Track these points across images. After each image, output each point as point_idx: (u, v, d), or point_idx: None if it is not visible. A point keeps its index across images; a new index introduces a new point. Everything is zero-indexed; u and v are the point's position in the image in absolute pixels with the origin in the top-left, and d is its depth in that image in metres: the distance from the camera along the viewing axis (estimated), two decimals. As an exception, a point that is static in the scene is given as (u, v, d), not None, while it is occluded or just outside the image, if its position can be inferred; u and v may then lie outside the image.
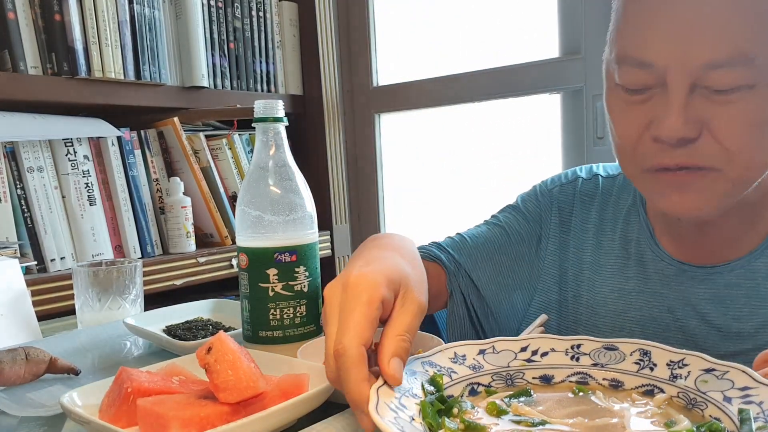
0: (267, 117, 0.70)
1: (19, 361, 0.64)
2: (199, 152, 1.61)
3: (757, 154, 0.61)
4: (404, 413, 0.46)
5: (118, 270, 0.89)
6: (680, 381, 0.50)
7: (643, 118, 0.62)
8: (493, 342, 0.57)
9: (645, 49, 0.60)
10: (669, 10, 0.59)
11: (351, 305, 0.51)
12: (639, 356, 0.54)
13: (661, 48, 0.59)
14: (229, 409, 0.50)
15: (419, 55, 1.91)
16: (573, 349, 0.56)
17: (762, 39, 0.57)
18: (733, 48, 0.56)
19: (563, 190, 0.86)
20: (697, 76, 0.58)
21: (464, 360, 0.56)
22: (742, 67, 0.57)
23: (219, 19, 1.67)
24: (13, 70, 1.29)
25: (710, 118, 0.59)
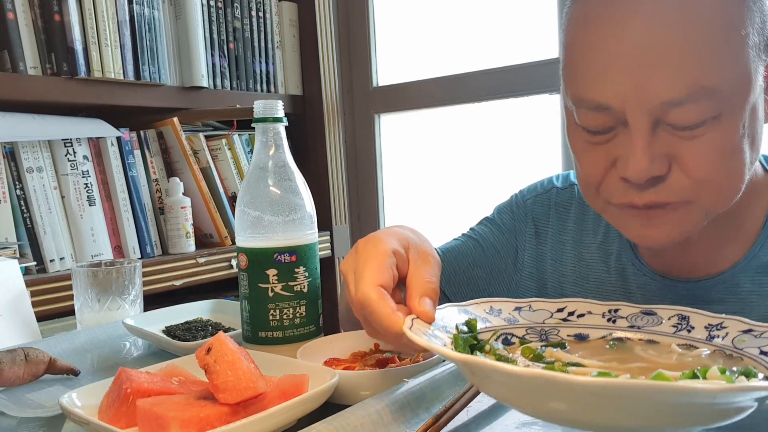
0: (267, 117, 0.70)
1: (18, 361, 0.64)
2: (199, 152, 1.61)
3: (729, 181, 0.59)
4: (437, 340, 0.47)
5: (118, 270, 0.89)
6: (717, 340, 0.50)
7: (607, 157, 0.60)
8: (530, 301, 0.58)
9: (599, 92, 0.57)
10: (618, 47, 0.55)
11: (363, 260, 0.54)
12: (677, 320, 0.53)
13: (616, 89, 0.56)
14: (228, 409, 0.50)
15: (419, 55, 1.91)
16: (610, 313, 0.56)
17: (721, 67, 0.54)
18: (692, 83, 0.53)
19: (538, 200, 0.84)
20: (657, 113, 0.55)
21: (500, 313, 0.56)
22: (704, 101, 0.54)
23: (219, 19, 1.67)
24: (12, 71, 1.29)
25: (677, 153, 0.57)
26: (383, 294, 0.52)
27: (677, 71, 0.54)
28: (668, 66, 0.54)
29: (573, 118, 0.62)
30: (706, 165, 0.56)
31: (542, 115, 1.68)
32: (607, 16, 0.57)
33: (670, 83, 0.54)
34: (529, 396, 0.40)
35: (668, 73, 0.54)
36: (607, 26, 0.56)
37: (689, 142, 0.56)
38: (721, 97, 0.54)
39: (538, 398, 0.39)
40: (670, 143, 0.56)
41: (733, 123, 0.56)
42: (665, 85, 0.54)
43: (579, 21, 0.60)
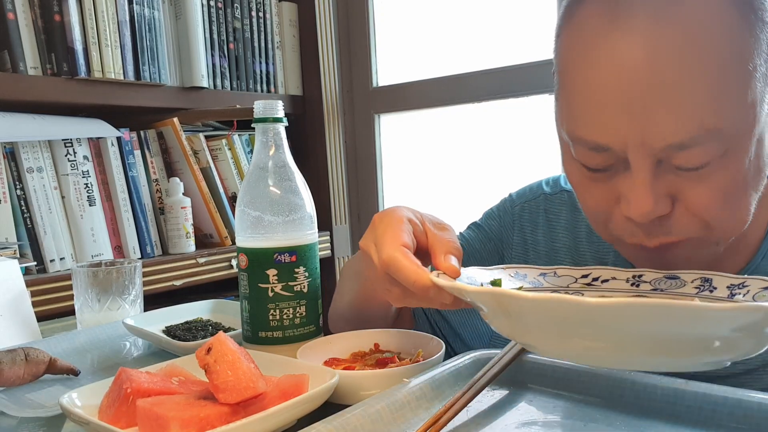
0: (267, 117, 0.70)
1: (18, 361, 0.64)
2: (199, 153, 1.61)
3: (736, 215, 0.56)
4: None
5: (118, 270, 0.89)
6: (738, 297, 0.50)
7: (610, 194, 0.57)
8: (555, 268, 0.59)
9: (597, 134, 0.53)
10: (617, 86, 0.51)
11: (382, 230, 0.57)
12: (700, 282, 0.54)
13: (616, 132, 0.52)
14: (228, 409, 0.50)
15: (419, 56, 1.91)
16: (634, 278, 0.57)
17: (728, 106, 0.50)
18: (698, 125, 0.50)
19: (526, 207, 0.81)
20: (660, 155, 0.52)
21: (524, 278, 0.57)
22: (710, 142, 0.50)
23: (219, 19, 1.67)
24: (12, 71, 1.29)
25: (681, 191, 0.54)
26: (407, 252, 0.54)
27: (682, 114, 0.50)
28: (672, 108, 0.50)
29: (569, 150, 0.59)
30: (712, 206, 0.54)
31: (542, 115, 1.68)
32: (605, 50, 0.52)
33: (674, 126, 0.50)
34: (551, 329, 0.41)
35: (672, 115, 0.50)
36: (605, 61, 0.52)
37: (694, 182, 0.53)
38: (727, 136, 0.51)
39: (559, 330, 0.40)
40: (674, 182, 0.54)
41: (740, 159, 0.53)
42: (669, 129, 0.50)
43: (573, 51, 0.56)
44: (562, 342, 0.41)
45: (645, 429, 0.48)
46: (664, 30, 0.50)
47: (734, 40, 0.50)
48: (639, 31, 0.50)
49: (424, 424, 0.47)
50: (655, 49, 0.50)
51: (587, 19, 0.54)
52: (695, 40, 0.49)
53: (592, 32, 0.53)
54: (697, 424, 0.48)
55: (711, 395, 0.49)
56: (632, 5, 0.51)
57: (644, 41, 0.50)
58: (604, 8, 0.53)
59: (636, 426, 0.49)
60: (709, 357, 0.39)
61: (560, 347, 0.42)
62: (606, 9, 0.52)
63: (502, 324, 0.45)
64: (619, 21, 0.51)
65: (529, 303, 0.40)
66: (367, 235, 0.60)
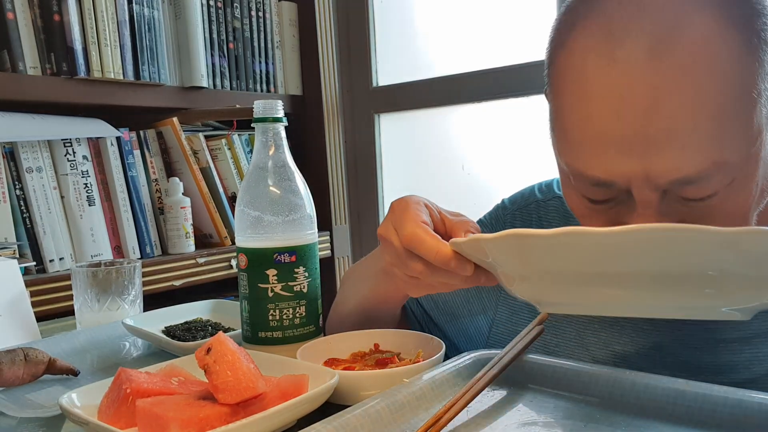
0: (266, 117, 0.70)
1: (17, 361, 0.64)
2: (199, 152, 1.61)
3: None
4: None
5: (117, 271, 0.88)
6: None
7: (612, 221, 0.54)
8: None
9: (598, 170, 0.51)
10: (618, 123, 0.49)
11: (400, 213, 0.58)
12: None
13: (618, 169, 0.50)
14: (228, 410, 0.50)
15: (419, 56, 1.91)
16: None
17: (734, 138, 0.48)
18: (704, 160, 0.48)
19: (518, 215, 0.80)
20: (666, 188, 0.50)
21: None
22: (717, 175, 0.48)
23: (218, 19, 1.67)
24: (12, 71, 1.28)
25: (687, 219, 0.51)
26: (427, 228, 0.56)
27: (687, 150, 0.47)
28: (676, 145, 0.47)
29: (568, 179, 0.56)
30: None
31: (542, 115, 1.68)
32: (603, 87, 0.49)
33: (679, 163, 0.48)
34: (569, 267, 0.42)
35: (677, 152, 0.47)
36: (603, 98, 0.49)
37: (701, 212, 0.51)
38: (734, 167, 0.49)
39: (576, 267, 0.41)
40: (680, 211, 0.52)
41: (748, 186, 0.51)
42: (674, 166, 0.48)
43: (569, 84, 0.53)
44: (580, 283, 0.42)
45: (645, 429, 0.48)
46: (663, 64, 0.47)
47: (737, 69, 0.48)
48: (637, 67, 0.48)
49: (424, 424, 0.47)
50: (655, 86, 0.47)
51: (582, 53, 0.51)
52: (696, 74, 0.47)
53: (588, 67, 0.50)
54: (698, 424, 0.48)
55: (711, 395, 0.49)
56: (628, 37, 0.48)
57: (643, 77, 0.48)
58: (599, 41, 0.50)
59: (636, 426, 0.49)
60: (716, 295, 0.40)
61: (578, 291, 0.43)
62: (602, 42, 0.50)
63: (520, 274, 0.46)
64: (616, 56, 0.48)
65: (544, 240, 0.41)
66: (385, 222, 0.61)
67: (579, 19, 0.52)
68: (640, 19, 0.48)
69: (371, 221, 2.03)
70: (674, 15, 0.48)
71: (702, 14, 0.48)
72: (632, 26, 0.48)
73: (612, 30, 0.49)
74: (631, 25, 0.49)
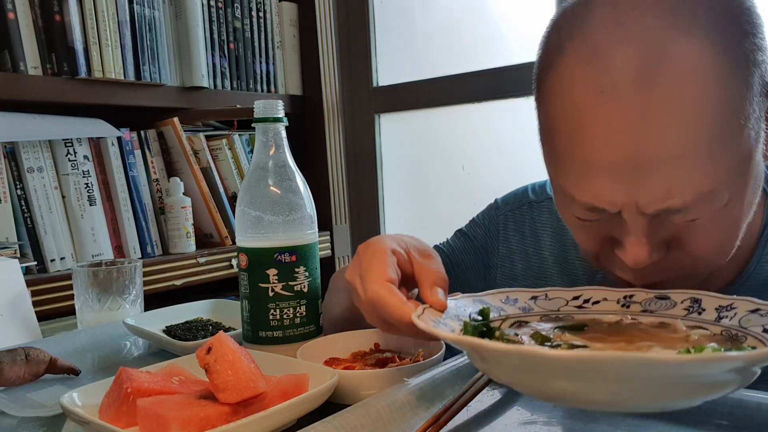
0: (267, 117, 0.70)
1: (18, 361, 0.64)
2: (199, 152, 1.61)
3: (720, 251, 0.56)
4: (446, 327, 0.48)
5: (118, 270, 0.89)
6: (725, 321, 0.50)
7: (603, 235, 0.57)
8: (546, 290, 0.58)
9: (589, 197, 0.53)
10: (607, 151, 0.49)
11: (366, 263, 0.56)
12: (689, 303, 0.53)
13: (608, 197, 0.51)
14: (229, 409, 0.50)
15: (419, 56, 1.91)
16: (625, 299, 0.56)
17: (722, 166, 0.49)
18: (692, 191, 0.49)
19: (510, 217, 0.80)
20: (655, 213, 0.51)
21: (515, 302, 0.57)
22: (705, 203, 0.50)
23: (219, 19, 1.67)
24: (13, 71, 1.29)
25: (678, 238, 0.54)
26: (392, 287, 0.54)
27: (676, 181, 0.48)
28: (666, 176, 0.48)
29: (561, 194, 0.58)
30: (706, 246, 0.54)
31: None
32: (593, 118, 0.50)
33: (667, 194, 0.49)
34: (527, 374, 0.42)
35: (666, 183, 0.48)
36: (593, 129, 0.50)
37: (692, 231, 0.53)
38: (722, 194, 0.50)
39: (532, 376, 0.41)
40: (669, 230, 0.53)
41: (738, 205, 0.52)
42: (663, 196, 0.49)
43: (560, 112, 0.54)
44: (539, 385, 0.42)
45: (645, 429, 0.48)
46: (650, 92, 0.47)
47: (725, 94, 0.48)
48: (625, 94, 0.48)
49: (424, 424, 0.47)
50: (642, 114, 0.48)
51: (571, 78, 0.52)
52: (683, 100, 0.47)
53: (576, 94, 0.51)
54: (698, 424, 0.48)
55: (710, 395, 0.49)
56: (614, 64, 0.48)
57: (631, 105, 0.48)
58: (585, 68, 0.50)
59: (636, 426, 0.49)
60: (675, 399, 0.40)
61: (538, 390, 0.43)
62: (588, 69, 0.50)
63: (483, 366, 0.46)
64: (603, 83, 0.49)
65: (499, 353, 0.41)
66: (351, 268, 0.59)
67: (566, 40, 0.53)
68: (626, 45, 0.48)
69: (371, 221, 2.03)
70: (660, 39, 0.48)
71: (688, 38, 0.47)
72: (618, 52, 0.48)
73: (598, 56, 0.49)
74: (617, 51, 0.49)
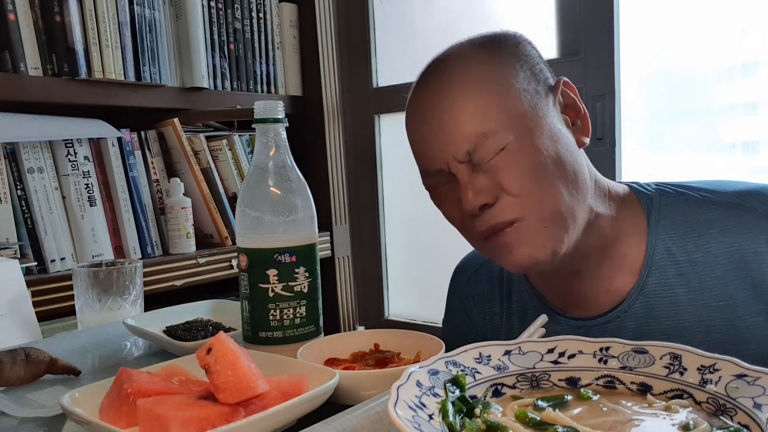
0: (267, 118, 0.70)
1: (19, 361, 0.65)
2: (200, 153, 1.61)
3: (543, 193, 0.69)
4: (423, 412, 0.46)
5: (119, 271, 0.89)
6: (710, 386, 0.49)
7: (455, 201, 0.72)
8: (520, 343, 0.57)
9: (426, 159, 0.74)
10: (428, 130, 0.73)
11: None
12: (669, 360, 0.53)
13: (434, 156, 0.72)
14: (229, 409, 0.50)
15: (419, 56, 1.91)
16: (601, 352, 0.55)
17: (491, 115, 0.69)
18: (473, 132, 0.69)
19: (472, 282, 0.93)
20: (468, 159, 0.70)
21: (489, 360, 0.55)
22: (492, 139, 0.69)
23: (219, 20, 1.67)
24: (13, 71, 1.29)
25: (498, 179, 0.69)
26: None
27: (462, 129, 0.70)
28: (454, 128, 0.70)
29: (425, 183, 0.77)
30: (515, 179, 0.69)
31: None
32: (413, 106, 0.77)
33: (461, 140, 0.70)
34: None
35: (458, 134, 0.70)
36: (418, 117, 0.75)
37: (502, 168, 0.69)
38: (499, 131, 0.69)
39: None
40: (489, 175, 0.69)
41: (531, 147, 0.69)
42: (459, 142, 0.70)
43: (406, 120, 0.79)
44: None
45: (644, 429, 0.48)
46: (440, 79, 0.73)
47: (486, 73, 0.71)
48: (427, 89, 0.74)
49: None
50: (435, 95, 0.73)
51: (409, 99, 0.79)
52: (458, 82, 0.71)
53: (409, 106, 0.78)
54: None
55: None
56: (426, 80, 0.76)
57: (429, 94, 0.74)
58: (414, 89, 0.78)
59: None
60: None
61: None
62: (415, 89, 0.78)
63: None
64: (418, 91, 0.76)
65: None
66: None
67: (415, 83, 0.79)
68: (432, 66, 0.77)
69: (371, 222, 2.03)
70: (447, 56, 0.76)
71: (461, 50, 0.75)
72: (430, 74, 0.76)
73: (419, 81, 0.78)
74: (429, 75, 0.76)
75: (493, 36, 0.76)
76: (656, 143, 1.53)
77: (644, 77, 1.50)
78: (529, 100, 0.71)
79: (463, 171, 0.70)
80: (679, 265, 0.74)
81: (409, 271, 2.02)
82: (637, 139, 1.52)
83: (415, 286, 2.01)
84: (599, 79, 1.50)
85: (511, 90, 0.70)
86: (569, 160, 0.71)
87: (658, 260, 0.75)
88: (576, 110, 0.76)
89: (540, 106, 0.72)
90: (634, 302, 0.75)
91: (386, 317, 2.05)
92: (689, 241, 0.74)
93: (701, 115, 1.44)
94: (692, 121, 1.45)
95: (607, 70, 1.49)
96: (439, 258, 1.90)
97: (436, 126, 0.72)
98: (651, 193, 0.79)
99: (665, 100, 1.50)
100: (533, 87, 0.72)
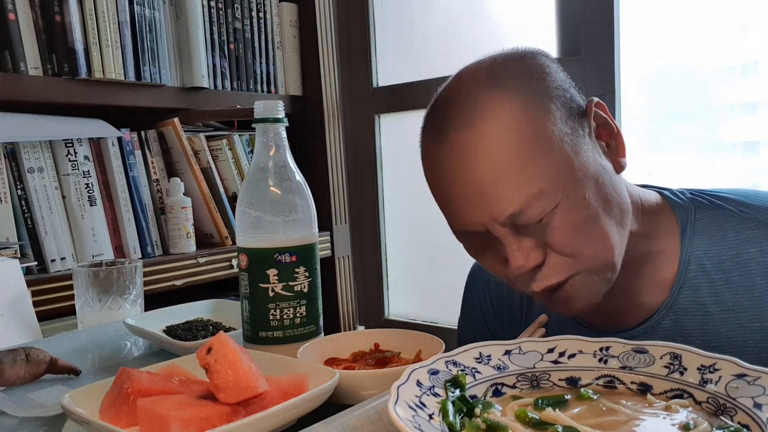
0: (267, 118, 0.70)
1: (19, 361, 0.65)
2: (200, 153, 1.61)
3: (596, 244, 0.65)
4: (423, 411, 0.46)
5: (119, 270, 0.89)
6: (710, 386, 0.49)
7: (498, 259, 0.68)
8: (520, 343, 0.57)
9: (462, 223, 0.67)
10: (462, 190, 0.65)
11: None
12: (669, 360, 0.53)
13: (472, 219, 0.66)
14: (229, 409, 0.50)
15: (419, 56, 1.91)
16: (601, 352, 0.55)
17: (537, 174, 0.63)
18: (520, 196, 0.63)
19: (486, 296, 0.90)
20: (511, 221, 0.64)
21: (489, 360, 0.55)
22: (538, 202, 0.63)
23: (219, 20, 1.67)
24: (13, 71, 1.29)
25: (544, 240, 0.65)
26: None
27: (506, 192, 0.63)
28: (500, 191, 0.63)
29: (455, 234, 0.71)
30: (567, 240, 0.64)
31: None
32: (440, 165, 0.67)
33: (506, 205, 0.63)
34: None
35: (501, 199, 0.63)
36: (443, 173, 0.67)
37: (549, 229, 0.64)
38: (550, 191, 0.63)
39: None
40: (536, 235, 0.65)
41: (575, 201, 0.63)
42: (502, 206, 0.63)
43: (427, 172, 0.71)
44: None
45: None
46: (468, 137, 0.64)
47: (522, 123, 0.63)
48: (455, 144, 0.65)
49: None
50: (468, 156, 0.64)
51: (427, 146, 0.70)
52: (494, 138, 0.63)
53: (430, 155, 0.69)
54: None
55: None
56: (448, 129, 0.66)
57: (459, 152, 0.65)
58: (434, 135, 0.68)
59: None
60: None
61: None
62: (435, 136, 0.68)
63: None
64: (442, 141, 0.67)
65: None
66: None
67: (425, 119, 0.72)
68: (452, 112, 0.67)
69: (371, 222, 2.03)
70: (469, 101, 0.66)
71: (483, 93, 0.66)
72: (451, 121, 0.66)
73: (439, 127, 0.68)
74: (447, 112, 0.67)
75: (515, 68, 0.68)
76: (656, 143, 1.53)
77: (644, 77, 1.50)
78: (570, 145, 0.64)
79: (506, 234, 0.64)
80: (714, 283, 0.70)
81: (409, 270, 2.02)
82: (637, 138, 1.52)
83: (415, 286, 2.01)
84: (599, 78, 1.50)
85: (553, 140, 0.64)
86: (614, 196, 0.67)
87: (691, 277, 0.71)
88: (609, 130, 0.70)
89: (582, 147, 0.66)
90: (663, 318, 0.72)
91: (386, 317, 2.05)
92: (726, 259, 0.70)
93: (701, 115, 1.44)
94: (692, 121, 1.45)
95: (607, 69, 1.49)
96: (439, 258, 1.90)
97: (473, 190, 0.64)
98: (685, 203, 0.75)
99: (665, 99, 1.50)
100: (570, 125, 0.66)
